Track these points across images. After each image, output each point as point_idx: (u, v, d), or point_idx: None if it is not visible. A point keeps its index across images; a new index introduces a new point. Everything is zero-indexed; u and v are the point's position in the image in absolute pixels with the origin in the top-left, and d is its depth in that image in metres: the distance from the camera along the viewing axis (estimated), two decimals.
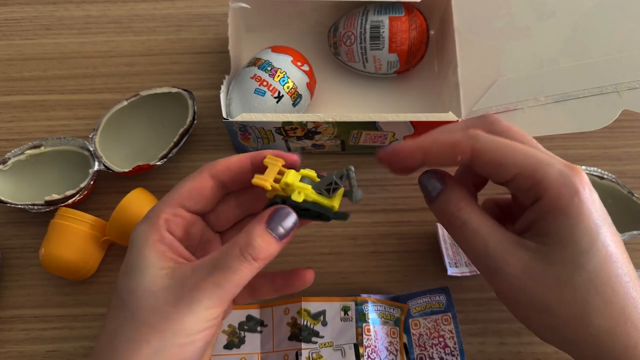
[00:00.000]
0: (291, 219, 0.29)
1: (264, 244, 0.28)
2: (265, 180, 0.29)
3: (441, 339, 0.38)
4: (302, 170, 0.30)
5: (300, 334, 0.37)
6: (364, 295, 0.38)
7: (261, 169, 0.30)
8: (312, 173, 0.30)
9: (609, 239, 0.27)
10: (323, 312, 0.38)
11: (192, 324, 0.27)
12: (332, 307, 0.38)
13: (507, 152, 0.28)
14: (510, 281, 0.28)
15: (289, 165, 0.30)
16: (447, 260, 0.41)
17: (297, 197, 0.29)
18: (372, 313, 0.38)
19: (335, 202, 0.30)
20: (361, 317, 0.37)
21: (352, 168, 0.30)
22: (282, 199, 0.30)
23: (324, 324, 0.37)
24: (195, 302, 0.27)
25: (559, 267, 0.27)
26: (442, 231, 0.42)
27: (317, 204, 0.30)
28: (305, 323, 0.37)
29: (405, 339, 0.38)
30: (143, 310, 0.27)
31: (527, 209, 0.29)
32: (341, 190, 0.30)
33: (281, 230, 0.29)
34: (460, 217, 0.29)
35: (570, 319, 0.27)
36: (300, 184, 0.29)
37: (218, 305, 0.27)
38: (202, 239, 0.32)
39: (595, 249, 0.27)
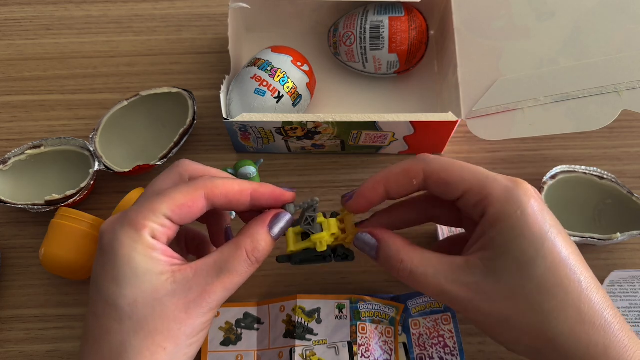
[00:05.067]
0: (287, 220, 0.31)
1: (267, 246, 0.30)
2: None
3: (441, 339, 0.38)
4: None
5: (294, 331, 0.37)
6: (360, 294, 0.38)
7: (258, 203, 0.31)
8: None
9: (558, 245, 0.28)
10: (318, 310, 0.38)
11: (200, 325, 0.28)
12: (327, 305, 0.38)
13: (455, 171, 0.30)
14: (468, 306, 0.29)
15: (278, 204, 0.32)
16: None
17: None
18: (367, 312, 0.38)
19: (318, 241, 0.32)
20: (356, 316, 0.37)
21: (317, 200, 0.33)
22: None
23: (319, 321, 0.37)
24: (205, 306, 0.28)
25: (508, 279, 0.28)
26: (441, 231, 0.42)
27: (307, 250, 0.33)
28: (299, 320, 0.37)
29: (405, 339, 0.38)
30: (153, 319, 0.27)
31: (477, 225, 0.30)
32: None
33: (278, 231, 0.31)
34: (404, 269, 0.30)
35: (529, 327, 0.28)
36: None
37: (221, 305, 0.29)
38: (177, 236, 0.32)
39: (541, 256, 0.27)
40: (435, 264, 0.30)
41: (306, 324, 0.37)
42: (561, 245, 0.28)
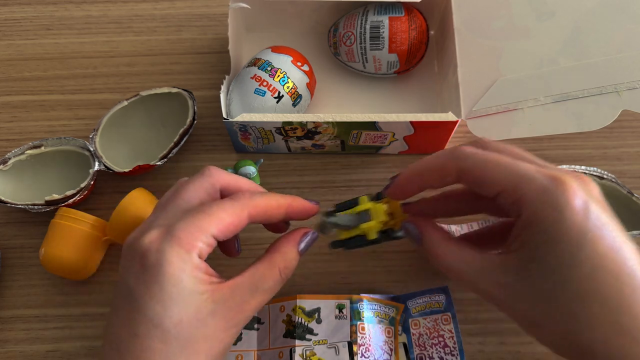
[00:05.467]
0: (314, 238, 0.33)
1: (296, 263, 0.31)
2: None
3: (441, 339, 0.38)
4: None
5: (294, 331, 0.37)
6: (360, 294, 0.38)
7: (290, 217, 0.32)
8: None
9: (601, 250, 0.26)
10: (318, 310, 0.38)
11: (232, 342, 0.29)
12: (326, 305, 0.38)
13: (489, 169, 0.28)
14: (502, 305, 0.29)
15: (308, 216, 0.34)
16: None
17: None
18: (367, 312, 0.38)
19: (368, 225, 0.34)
20: (356, 316, 0.37)
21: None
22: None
23: (319, 321, 0.37)
24: (240, 324, 0.29)
25: (541, 284, 0.27)
26: None
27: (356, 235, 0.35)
28: (299, 320, 0.37)
29: (405, 339, 0.38)
30: (197, 339, 0.27)
31: (514, 225, 0.29)
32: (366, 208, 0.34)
33: (305, 249, 0.32)
34: (442, 263, 0.31)
35: (563, 334, 0.27)
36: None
37: None
38: None
39: (578, 263, 0.26)
40: (471, 260, 0.30)
41: (306, 323, 0.37)
42: (605, 251, 0.26)
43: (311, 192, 0.45)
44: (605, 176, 0.42)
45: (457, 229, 0.42)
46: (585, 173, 0.42)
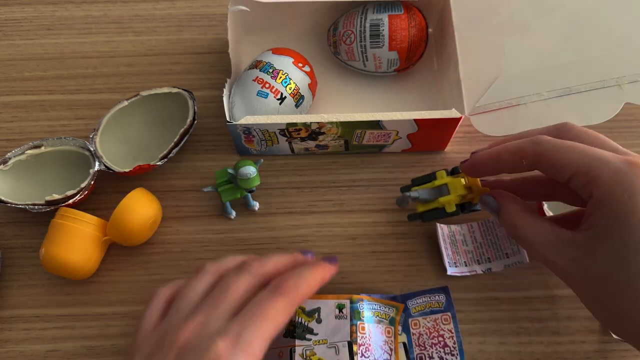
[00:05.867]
0: None
1: None
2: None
3: (441, 339, 0.38)
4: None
5: (294, 330, 0.37)
6: (360, 294, 0.38)
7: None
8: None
9: None
10: (318, 310, 0.38)
11: None
12: (326, 305, 0.38)
13: (564, 153, 0.30)
14: (568, 278, 0.31)
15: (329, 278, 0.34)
16: (446, 260, 0.41)
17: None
18: (367, 311, 0.38)
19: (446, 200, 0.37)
20: (356, 315, 0.37)
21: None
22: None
23: (319, 321, 0.37)
24: None
25: (606, 263, 0.28)
26: (441, 231, 0.42)
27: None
28: (299, 320, 0.37)
29: (404, 339, 0.38)
30: None
31: (586, 207, 0.30)
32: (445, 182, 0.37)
33: None
34: (517, 234, 0.33)
35: (624, 312, 0.28)
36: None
37: None
38: None
39: None
40: (544, 232, 0.31)
41: (306, 323, 0.37)
42: None
43: (311, 192, 0.45)
44: None
45: (456, 229, 0.42)
46: None
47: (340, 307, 0.38)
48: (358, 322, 0.37)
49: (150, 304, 0.32)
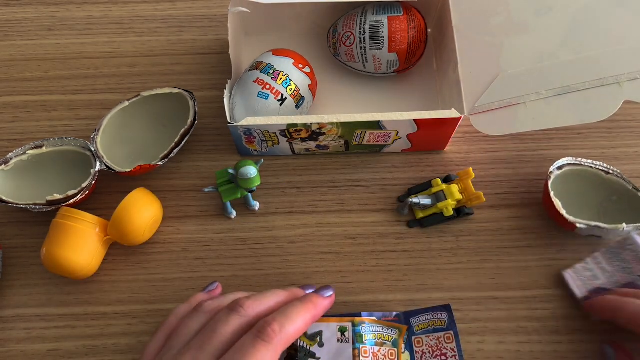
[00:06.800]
0: None
1: None
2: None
3: (444, 357, 0.38)
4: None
5: (296, 355, 0.36)
6: (363, 316, 0.38)
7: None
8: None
9: None
10: (320, 333, 0.37)
11: None
12: (328, 328, 0.37)
13: None
14: None
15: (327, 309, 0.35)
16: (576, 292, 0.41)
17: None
18: (369, 334, 0.37)
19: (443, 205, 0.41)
20: (358, 339, 0.36)
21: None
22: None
23: (321, 345, 0.37)
24: None
25: None
26: (570, 277, 0.42)
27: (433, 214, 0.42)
28: (301, 344, 0.37)
29: (408, 357, 0.38)
30: None
31: None
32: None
33: None
34: None
35: None
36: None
37: None
38: None
39: None
40: None
41: (308, 347, 0.37)
42: None
43: (311, 192, 0.45)
44: (611, 171, 0.42)
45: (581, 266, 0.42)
46: (591, 167, 0.42)
47: (343, 331, 0.37)
48: (360, 346, 0.36)
49: (155, 335, 0.33)
